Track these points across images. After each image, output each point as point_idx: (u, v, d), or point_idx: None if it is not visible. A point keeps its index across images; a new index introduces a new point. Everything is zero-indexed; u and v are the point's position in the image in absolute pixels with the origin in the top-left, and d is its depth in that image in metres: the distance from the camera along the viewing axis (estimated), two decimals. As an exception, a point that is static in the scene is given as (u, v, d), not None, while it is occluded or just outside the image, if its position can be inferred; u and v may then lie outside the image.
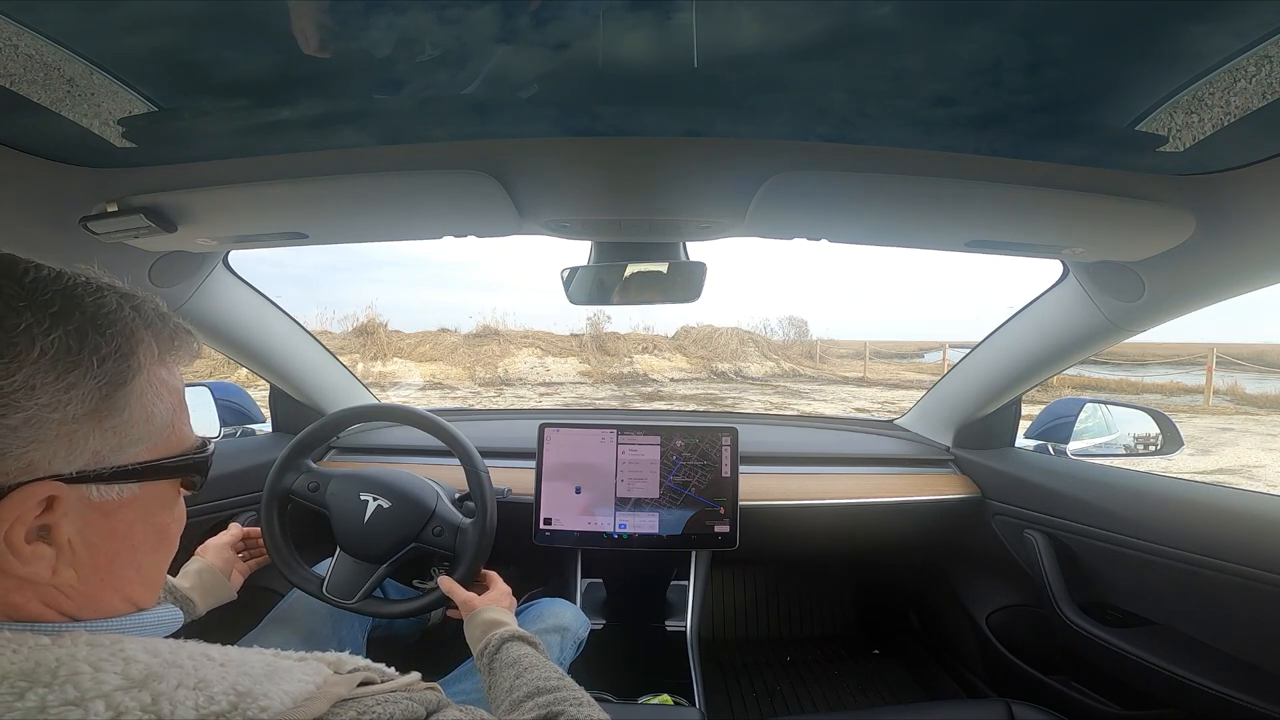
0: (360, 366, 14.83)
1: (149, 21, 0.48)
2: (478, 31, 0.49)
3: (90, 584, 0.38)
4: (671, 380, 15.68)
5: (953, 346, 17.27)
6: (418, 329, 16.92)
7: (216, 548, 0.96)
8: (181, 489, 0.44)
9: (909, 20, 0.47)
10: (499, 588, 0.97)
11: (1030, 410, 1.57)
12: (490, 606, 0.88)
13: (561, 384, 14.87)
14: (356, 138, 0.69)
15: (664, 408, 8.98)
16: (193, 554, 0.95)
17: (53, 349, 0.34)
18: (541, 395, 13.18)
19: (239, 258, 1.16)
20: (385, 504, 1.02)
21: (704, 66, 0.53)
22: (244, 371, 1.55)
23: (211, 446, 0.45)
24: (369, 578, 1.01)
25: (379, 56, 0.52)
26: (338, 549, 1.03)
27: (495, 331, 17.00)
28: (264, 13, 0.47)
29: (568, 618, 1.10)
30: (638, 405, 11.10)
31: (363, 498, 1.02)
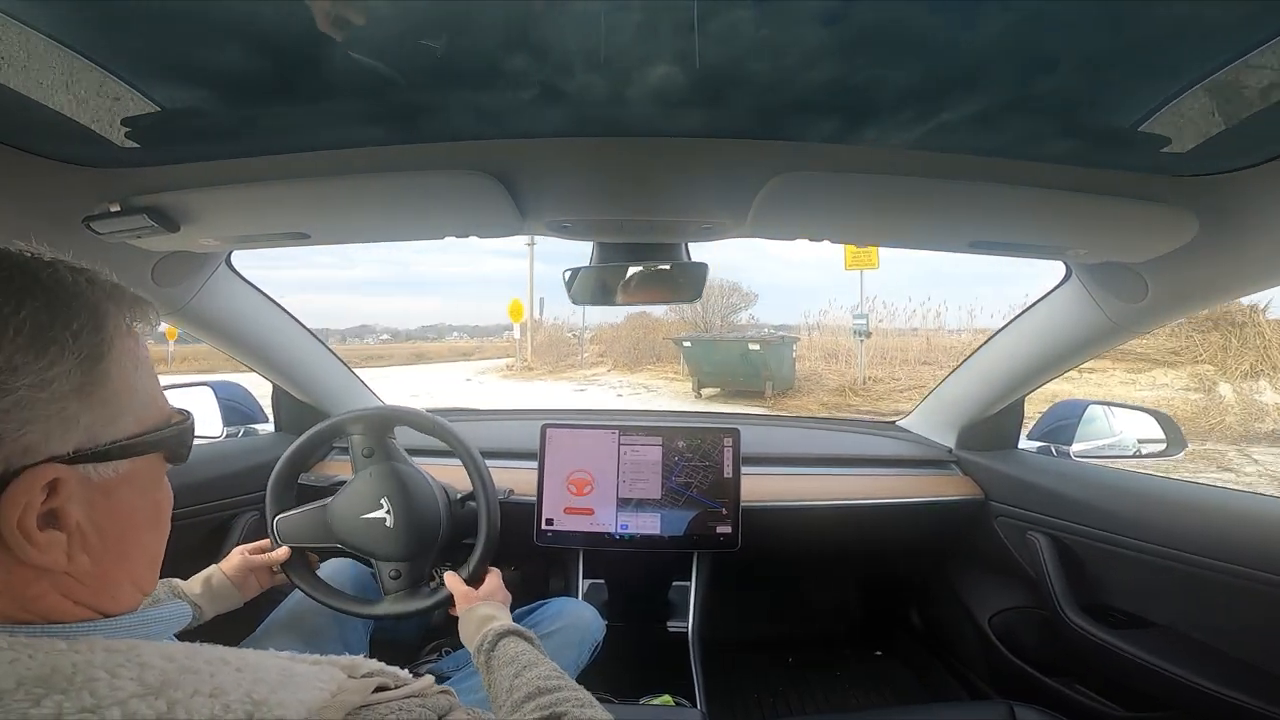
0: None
1: (151, 21, 0.48)
2: (479, 31, 0.49)
3: (103, 566, 0.38)
4: None
5: None
6: None
7: (235, 565, 0.96)
8: (166, 462, 0.44)
9: (912, 20, 0.47)
10: (493, 582, 0.97)
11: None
12: (485, 602, 0.89)
13: None
14: (358, 138, 0.69)
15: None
16: (203, 553, 0.95)
17: (25, 328, 0.33)
18: None
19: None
20: (396, 506, 1.00)
21: (706, 67, 0.53)
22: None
23: (191, 417, 0.45)
24: (423, 568, 1.01)
25: (381, 56, 0.52)
26: (375, 562, 1.01)
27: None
28: (267, 12, 0.48)
29: (585, 618, 1.10)
30: None
31: (374, 511, 1.00)
